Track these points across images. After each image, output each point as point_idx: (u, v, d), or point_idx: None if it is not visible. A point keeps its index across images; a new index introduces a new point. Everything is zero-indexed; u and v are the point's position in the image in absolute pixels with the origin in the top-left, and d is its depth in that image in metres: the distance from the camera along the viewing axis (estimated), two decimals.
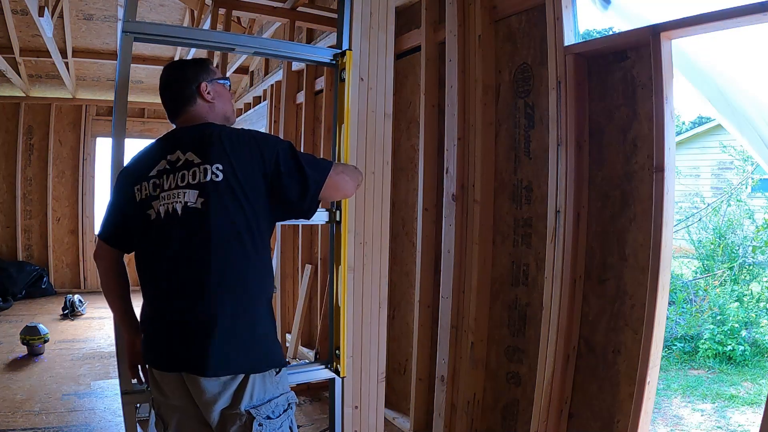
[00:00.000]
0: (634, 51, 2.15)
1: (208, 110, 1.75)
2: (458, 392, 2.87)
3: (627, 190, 2.18)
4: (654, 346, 1.96)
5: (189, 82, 1.71)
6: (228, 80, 1.84)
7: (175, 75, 1.74)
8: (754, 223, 6.54)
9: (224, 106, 1.81)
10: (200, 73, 1.73)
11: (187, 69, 1.74)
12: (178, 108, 1.73)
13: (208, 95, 1.73)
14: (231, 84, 1.94)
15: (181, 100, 1.72)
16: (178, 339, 1.49)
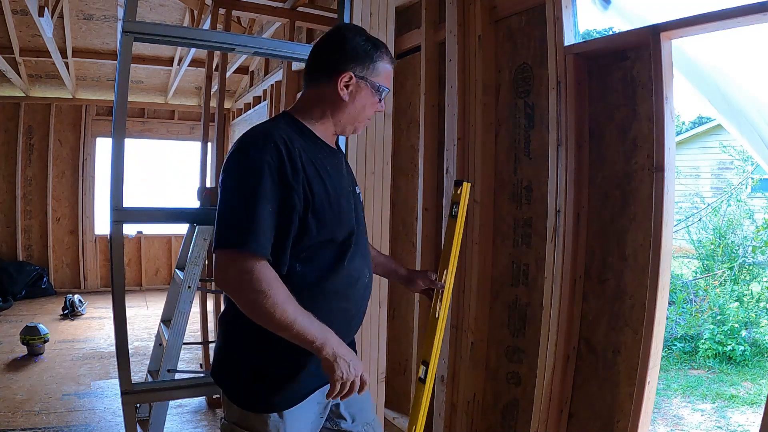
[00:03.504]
0: (634, 51, 2.15)
1: (328, 107, 1.49)
2: (458, 392, 2.87)
3: (627, 190, 2.18)
4: (654, 346, 1.96)
5: (336, 59, 1.46)
6: (387, 90, 1.53)
7: (336, 38, 1.50)
8: (754, 223, 6.54)
9: (352, 114, 1.51)
10: (354, 59, 1.45)
11: (344, 45, 1.46)
12: (309, 75, 1.52)
13: (344, 90, 1.46)
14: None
15: (314, 71, 1.50)
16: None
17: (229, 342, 1.48)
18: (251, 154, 1.33)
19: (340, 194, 1.46)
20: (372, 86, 1.47)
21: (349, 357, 1.33)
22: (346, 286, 1.46)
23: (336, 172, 1.47)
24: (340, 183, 1.47)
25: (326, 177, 1.42)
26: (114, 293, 2.25)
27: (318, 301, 1.39)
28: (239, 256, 1.28)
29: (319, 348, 1.30)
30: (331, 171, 1.45)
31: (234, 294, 1.31)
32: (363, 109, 1.49)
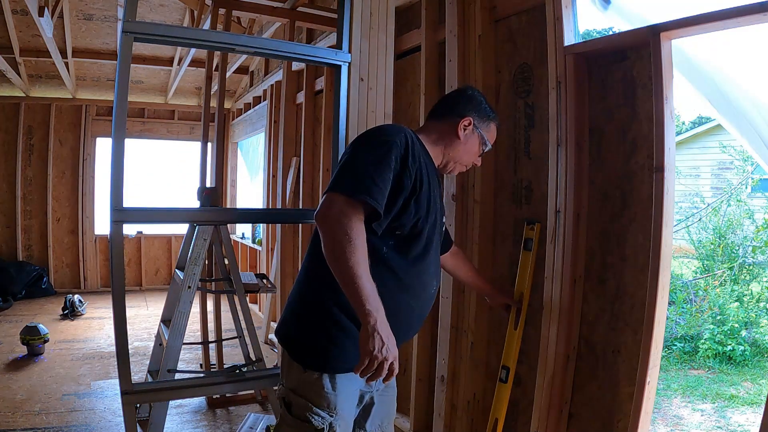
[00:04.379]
0: (634, 51, 2.15)
1: (445, 138, 1.80)
2: (458, 392, 2.87)
3: (627, 190, 2.18)
4: (654, 346, 1.96)
5: (463, 106, 1.82)
6: (489, 146, 1.89)
7: (467, 92, 1.87)
8: (754, 223, 6.54)
9: (460, 152, 1.82)
10: (476, 111, 1.82)
11: (472, 99, 1.84)
12: (436, 112, 1.87)
13: (462, 131, 1.80)
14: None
15: (442, 109, 1.85)
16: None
17: (307, 297, 1.64)
18: (386, 132, 1.59)
19: (435, 204, 1.67)
20: (481, 137, 1.82)
21: (387, 338, 1.37)
22: (418, 285, 1.64)
23: (437, 187, 1.72)
24: (436, 194, 1.70)
25: (432, 182, 1.66)
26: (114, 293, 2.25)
27: (391, 289, 1.55)
28: (348, 200, 1.44)
29: (367, 314, 1.36)
30: (431, 181, 1.67)
31: (326, 228, 1.43)
32: (467, 153, 1.81)
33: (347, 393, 1.57)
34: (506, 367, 2.54)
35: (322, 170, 4.56)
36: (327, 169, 4.39)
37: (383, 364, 1.36)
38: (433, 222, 1.66)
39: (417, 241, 1.61)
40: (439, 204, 1.75)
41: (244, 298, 3.27)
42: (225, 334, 4.00)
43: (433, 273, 1.70)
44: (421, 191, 1.58)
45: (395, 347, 1.40)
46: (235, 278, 3.22)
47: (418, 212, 1.57)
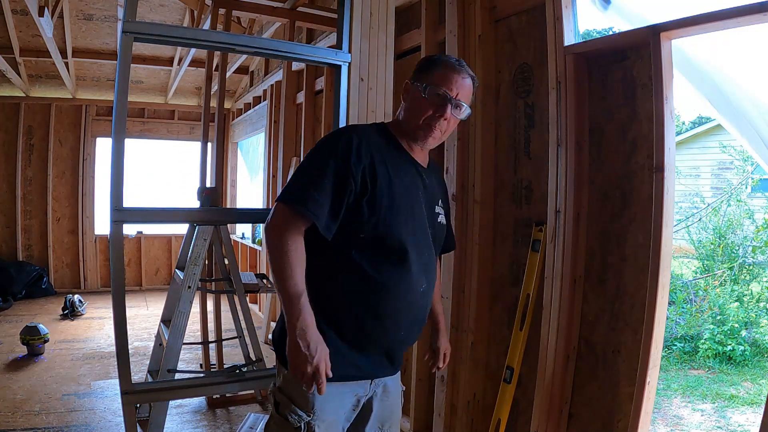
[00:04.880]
0: (634, 51, 2.15)
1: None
2: (458, 392, 2.87)
3: (627, 190, 2.18)
4: (654, 346, 1.96)
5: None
6: (440, 89, 1.60)
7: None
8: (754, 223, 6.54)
9: (408, 116, 1.66)
10: (415, 71, 1.67)
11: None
12: None
13: (403, 97, 1.69)
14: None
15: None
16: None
17: None
18: (329, 138, 1.58)
19: (408, 201, 1.58)
20: (420, 86, 1.60)
21: (307, 347, 1.41)
22: (401, 286, 1.56)
23: (410, 181, 1.61)
24: (411, 191, 1.60)
25: (396, 178, 1.55)
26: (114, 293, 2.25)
27: (364, 292, 1.54)
28: (289, 211, 1.48)
29: (290, 324, 1.42)
30: (404, 177, 1.59)
31: (267, 238, 1.49)
32: (412, 111, 1.62)
33: (331, 395, 1.52)
34: (510, 367, 2.54)
35: None
36: None
37: (305, 372, 1.41)
38: (411, 218, 1.57)
39: (387, 241, 1.53)
40: (425, 198, 1.64)
41: (244, 298, 3.27)
42: (225, 334, 4.00)
43: (417, 272, 1.58)
44: (374, 190, 1.50)
45: (320, 356, 1.42)
46: (235, 278, 3.22)
47: (375, 212, 1.51)
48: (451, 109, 1.59)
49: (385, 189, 1.52)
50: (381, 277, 1.53)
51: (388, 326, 1.57)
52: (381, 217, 1.51)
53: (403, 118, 1.65)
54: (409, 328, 1.64)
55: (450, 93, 1.58)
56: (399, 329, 1.60)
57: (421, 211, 1.62)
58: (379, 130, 1.64)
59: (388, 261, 1.54)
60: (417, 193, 1.61)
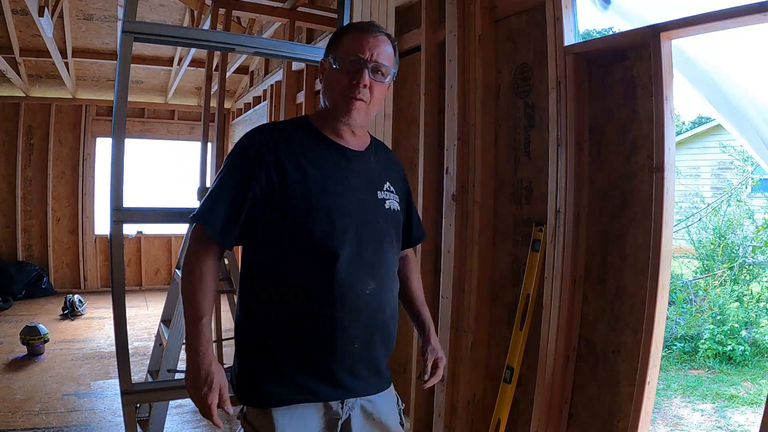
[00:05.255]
0: (634, 51, 2.15)
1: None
2: (458, 392, 2.87)
3: (627, 190, 2.18)
4: (654, 346, 1.96)
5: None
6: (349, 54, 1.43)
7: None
8: (754, 223, 6.54)
9: (328, 94, 1.48)
10: (327, 49, 1.50)
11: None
12: None
13: (319, 78, 1.53)
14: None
15: None
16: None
17: (238, 321, 1.53)
18: (234, 147, 1.48)
19: (334, 193, 1.41)
20: (331, 59, 1.44)
21: (198, 376, 1.34)
22: (337, 292, 1.37)
23: (335, 170, 1.43)
24: (337, 180, 1.42)
25: (313, 170, 1.40)
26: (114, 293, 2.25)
27: (296, 305, 1.39)
28: (197, 229, 1.42)
29: (188, 352, 1.36)
30: (325, 167, 1.42)
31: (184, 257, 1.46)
32: (329, 86, 1.45)
33: (291, 422, 1.39)
34: (510, 367, 2.54)
35: None
36: None
37: (196, 400, 1.36)
38: (341, 211, 1.40)
39: (309, 243, 1.37)
40: (362, 183, 1.47)
41: None
42: (225, 333, 4.00)
43: (358, 272, 1.40)
44: (284, 190, 1.37)
45: (212, 385, 1.34)
46: (234, 278, 3.22)
47: (290, 213, 1.37)
48: (368, 73, 1.40)
49: (297, 186, 1.37)
50: (312, 285, 1.37)
51: (336, 339, 1.38)
52: (297, 218, 1.37)
53: (323, 103, 1.50)
54: (366, 337, 1.43)
55: (363, 56, 1.40)
56: (351, 341, 1.40)
57: (356, 201, 1.43)
58: (295, 124, 1.51)
59: (317, 266, 1.38)
60: (347, 182, 1.44)
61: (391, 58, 1.46)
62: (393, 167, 1.62)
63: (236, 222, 1.39)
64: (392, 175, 1.58)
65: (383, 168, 1.56)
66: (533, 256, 2.49)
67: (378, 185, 1.51)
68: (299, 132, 1.47)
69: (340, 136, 1.48)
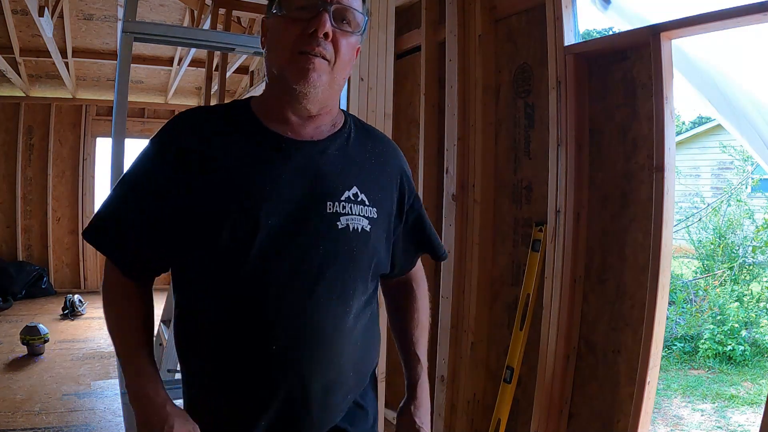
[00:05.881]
0: (634, 51, 2.15)
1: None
2: (458, 392, 2.87)
3: (627, 190, 2.18)
4: (654, 346, 1.96)
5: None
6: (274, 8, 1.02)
7: None
8: (754, 223, 6.54)
9: (270, 55, 1.04)
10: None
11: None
12: None
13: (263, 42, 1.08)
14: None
15: None
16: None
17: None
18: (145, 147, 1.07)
19: (252, 203, 0.98)
20: (276, 8, 1.01)
21: (142, 417, 0.97)
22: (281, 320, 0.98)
23: (259, 170, 1.00)
24: (260, 184, 0.99)
25: (222, 173, 0.99)
26: None
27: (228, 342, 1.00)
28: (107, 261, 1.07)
29: (132, 402, 1.00)
30: (240, 165, 1.00)
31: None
32: (275, 45, 1.02)
33: None
34: (511, 367, 2.54)
35: None
36: None
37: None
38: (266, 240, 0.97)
39: (245, 259, 0.97)
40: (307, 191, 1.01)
41: None
42: None
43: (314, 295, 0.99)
44: (205, 193, 0.98)
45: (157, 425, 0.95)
46: None
47: (206, 229, 0.98)
48: (330, 19, 0.96)
49: (199, 196, 0.98)
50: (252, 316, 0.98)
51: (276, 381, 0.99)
52: (210, 236, 0.97)
53: (267, 76, 1.05)
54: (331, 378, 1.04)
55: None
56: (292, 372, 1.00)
57: (281, 218, 0.99)
58: (226, 110, 1.09)
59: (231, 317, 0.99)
60: (272, 188, 0.99)
61: (360, 3, 1.04)
62: (383, 162, 1.14)
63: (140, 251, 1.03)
64: (376, 174, 1.11)
65: (357, 164, 1.08)
66: (533, 256, 2.49)
67: (331, 192, 1.02)
68: (230, 121, 1.06)
69: (285, 121, 1.03)
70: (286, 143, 1.02)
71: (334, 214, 1.02)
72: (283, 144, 1.02)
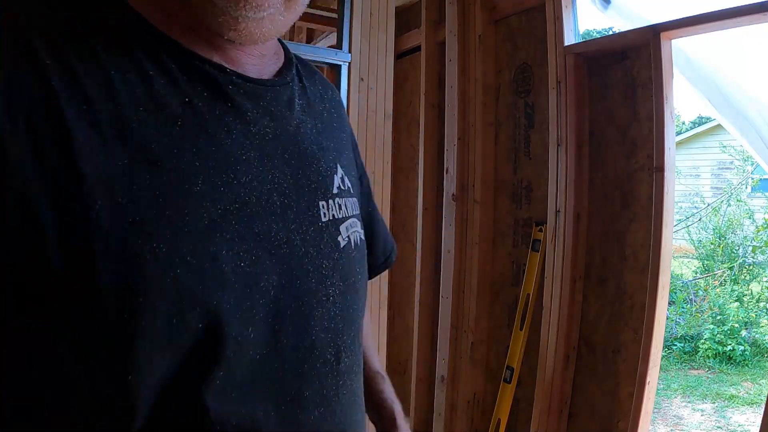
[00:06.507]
0: (634, 51, 2.15)
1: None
2: (458, 392, 2.87)
3: (627, 190, 2.18)
4: (654, 346, 1.96)
5: None
6: None
7: None
8: (754, 223, 6.55)
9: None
10: None
11: None
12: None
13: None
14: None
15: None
16: None
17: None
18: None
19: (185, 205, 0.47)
20: None
21: None
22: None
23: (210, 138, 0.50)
24: (231, 170, 0.51)
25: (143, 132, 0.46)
26: None
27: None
28: None
29: None
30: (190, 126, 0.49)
31: None
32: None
33: None
34: (511, 367, 2.54)
35: None
36: None
37: None
38: (269, 259, 0.52)
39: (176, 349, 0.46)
40: (292, 187, 0.56)
41: None
42: None
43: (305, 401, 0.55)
44: (74, 183, 0.42)
45: None
46: None
47: (93, 256, 0.42)
48: None
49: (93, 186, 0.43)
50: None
51: None
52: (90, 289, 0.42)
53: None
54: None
55: None
56: None
57: (269, 245, 0.52)
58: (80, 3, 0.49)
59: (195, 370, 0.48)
60: (242, 187, 0.51)
61: None
62: (340, 116, 0.72)
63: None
64: (340, 137, 0.69)
65: (324, 122, 0.66)
66: (533, 256, 2.49)
67: (320, 182, 0.60)
68: (96, 22, 0.48)
69: (209, 42, 0.54)
70: (232, 84, 0.53)
71: (331, 224, 0.59)
72: (229, 87, 0.53)
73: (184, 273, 0.45)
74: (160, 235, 0.44)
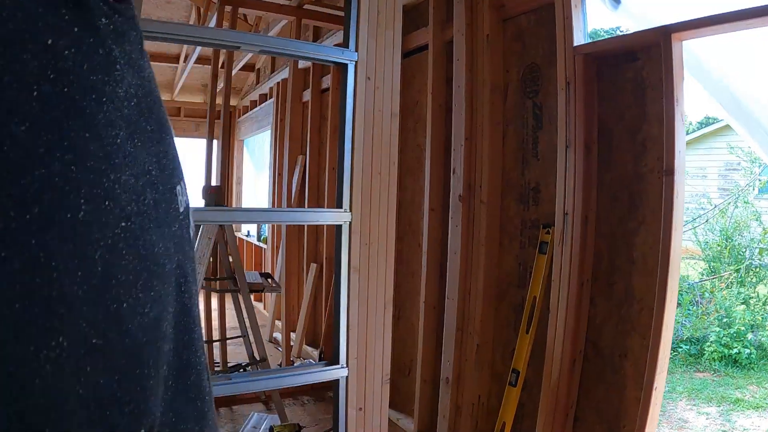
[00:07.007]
0: (645, 52, 2.13)
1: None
2: (463, 394, 2.85)
3: (636, 193, 2.16)
4: (662, 351, 1.94)
5: None
6: None
7: None
8: (761, 225, 6.51)
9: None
10: None
11: None
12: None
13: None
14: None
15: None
16: None
17: None
18: None
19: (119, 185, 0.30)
20: None
21: None
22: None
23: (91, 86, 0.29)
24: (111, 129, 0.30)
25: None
26: None
27: None
28: None
29: None
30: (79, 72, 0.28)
31: None
32: None
33: None
34: (516, 370, 2.52)
35: (328, 169, 4.55)
36: (333, 168, 4.38)
37: None
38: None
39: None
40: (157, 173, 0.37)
41: (249, 297, 3.26)
42: (229, 332, 3.99)
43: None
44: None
45: None
46: (239, 277, 3.21)
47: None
48: None
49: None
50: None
51: None
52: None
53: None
54: None
55: None
56: None
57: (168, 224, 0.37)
58: None
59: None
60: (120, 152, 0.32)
61: None
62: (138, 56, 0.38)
63: None
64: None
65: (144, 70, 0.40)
66: (540, 259, 2.47)
67: (174, 154, 0.44)
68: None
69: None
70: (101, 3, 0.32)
71: (185, 216, 0.42)
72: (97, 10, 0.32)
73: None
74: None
